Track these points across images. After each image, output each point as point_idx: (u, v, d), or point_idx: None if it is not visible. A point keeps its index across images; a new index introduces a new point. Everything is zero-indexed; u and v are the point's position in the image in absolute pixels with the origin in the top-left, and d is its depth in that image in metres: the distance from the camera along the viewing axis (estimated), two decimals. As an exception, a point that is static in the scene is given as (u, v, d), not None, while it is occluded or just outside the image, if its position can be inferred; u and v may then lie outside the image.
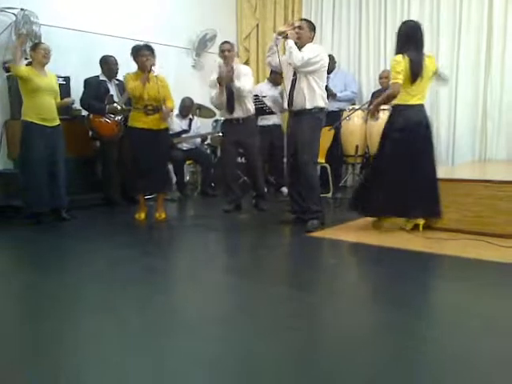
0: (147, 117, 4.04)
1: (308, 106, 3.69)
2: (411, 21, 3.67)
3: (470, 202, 3.48)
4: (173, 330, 1.93)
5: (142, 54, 3.96)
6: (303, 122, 3.72)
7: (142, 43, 4.08)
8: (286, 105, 3.87)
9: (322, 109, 3.75)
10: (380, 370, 1.59)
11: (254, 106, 4.61)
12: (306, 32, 3.71)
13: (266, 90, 5.64)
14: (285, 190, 5.63)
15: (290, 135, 3.88)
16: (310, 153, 3.72)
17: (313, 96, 3.69)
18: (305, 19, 4.02)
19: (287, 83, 3.81)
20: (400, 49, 3.45)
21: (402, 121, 3.45)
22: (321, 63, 3.66)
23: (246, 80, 4.36)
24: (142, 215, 4.28)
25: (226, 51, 4.37)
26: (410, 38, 3.43)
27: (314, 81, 3.68)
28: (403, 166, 3.45)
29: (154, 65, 3.96)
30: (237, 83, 4.31)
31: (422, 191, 3.48)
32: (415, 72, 3.39)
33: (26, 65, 4.06)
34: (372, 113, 3.73)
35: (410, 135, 3.43)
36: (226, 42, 4.46)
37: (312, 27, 3.78)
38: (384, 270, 2.75)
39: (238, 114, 4.45)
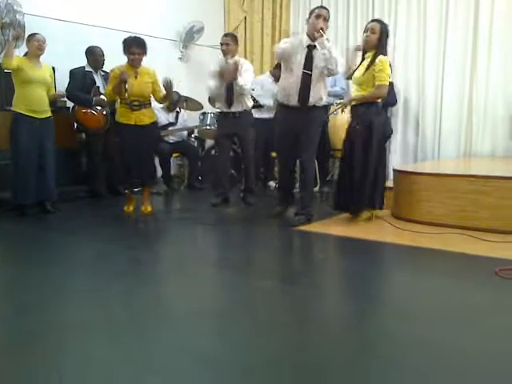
0: (132, 112, 4.01)
1: (323, 103, 3.71)
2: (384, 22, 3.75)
3: (454, 196, 3.54)
4: (160, 324, 1.92)
5: (132, 51, 3.89)
6: (315, 119, 3.68)
7: (132, 36, 3.97)
8: (290, 99, 3.65)
9: (325, 104, 3.86)
10: (370, 364, 1.61)
11: (251, 102, 4.55)
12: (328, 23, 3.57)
13: (268, 83, 5.50)
14: (272, 184, 5.63)
15: (291, 129, 3.69)
16: (314, 148, 3.75)
17: (326, 93, 3.75)
18: (322, 7, 3.75)
19: (290, 77, 3.61)
20: (383, 50, 3.52)
21: (365, 117, 3.57)
22: None
23: (247, 76, 4.28)
24: (131, 207, 4.27)
25: (225, 45, 4.27)
26: (387, 40, 3.58)
27: (327, 78, 3.73)
28: (371, 160, 3.58)
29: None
30: (240, 81, 4.19)
31: (378, 183, 3.67)
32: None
33: (24, 55, 3.98)
34: (343, 107, 3.87)
35: (370, 131, 3.56)
36: (226, 34, 4.30)
37: (329, 15, 3.60)
38: (370, 264, 2.77)
39: (236, 108, 4.39)
